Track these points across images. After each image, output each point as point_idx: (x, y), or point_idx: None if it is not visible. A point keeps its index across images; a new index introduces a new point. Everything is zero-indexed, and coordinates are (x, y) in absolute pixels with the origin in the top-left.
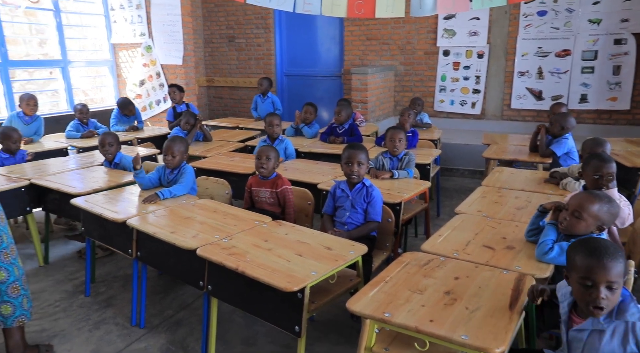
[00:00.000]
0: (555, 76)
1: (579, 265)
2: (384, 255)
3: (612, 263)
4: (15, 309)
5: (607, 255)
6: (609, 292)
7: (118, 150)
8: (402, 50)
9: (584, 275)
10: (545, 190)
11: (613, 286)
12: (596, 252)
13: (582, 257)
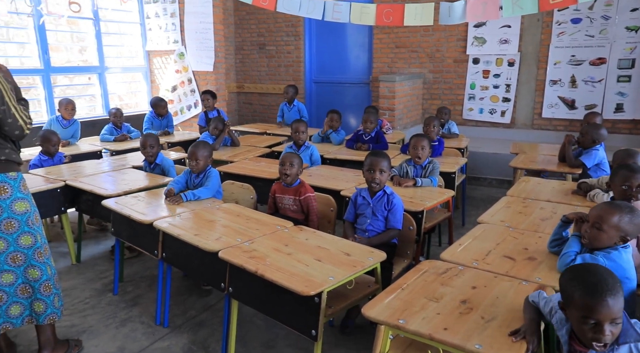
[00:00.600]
0: (589, 85)
1: (580, 304)
2: (405, 262)
3: (615, 300)
4: (47, 307)
5: (608, 292)
6: (614, 328)
7: (159, 151)
8: (431, 58)
9: (586, 314)
10: (572, 202)
11: (617, 321)
12: (597, 289)
13: (582, 294)
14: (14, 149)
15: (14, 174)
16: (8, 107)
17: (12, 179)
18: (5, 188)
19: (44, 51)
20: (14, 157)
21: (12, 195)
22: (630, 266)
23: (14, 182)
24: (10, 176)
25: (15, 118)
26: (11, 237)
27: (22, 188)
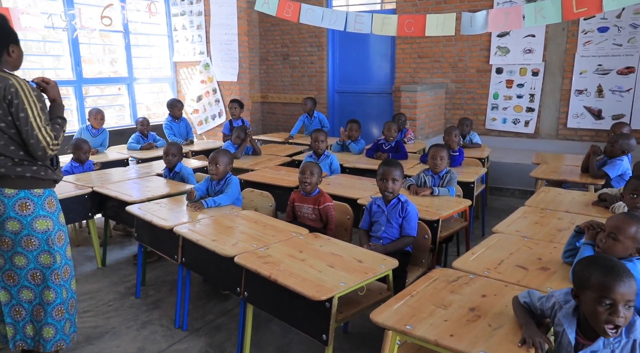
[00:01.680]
0: (616, 94)
1: (597, 284)
2: (420, 271)
3: (630, 282)
4: (56, 333)
5: (625, 274)
6: (627, 311)
7: (179, 160)
8: (453, 68)
9: (603, 294)
10: (591, 213)
11: (630, 304)
12: (614, 270)
13: (599, 275)
14: (44, 166)
15: (40, 190)
16: (32, 127)
17: (36, 196)
18: (28, 205)
19: (76, 63)
20: (42, 174)
21: (34, 212)
22: None
23: (38, 199)
24: (34, 193)
25: (38, 139)
26: (31, 254)
27: (46, 205)
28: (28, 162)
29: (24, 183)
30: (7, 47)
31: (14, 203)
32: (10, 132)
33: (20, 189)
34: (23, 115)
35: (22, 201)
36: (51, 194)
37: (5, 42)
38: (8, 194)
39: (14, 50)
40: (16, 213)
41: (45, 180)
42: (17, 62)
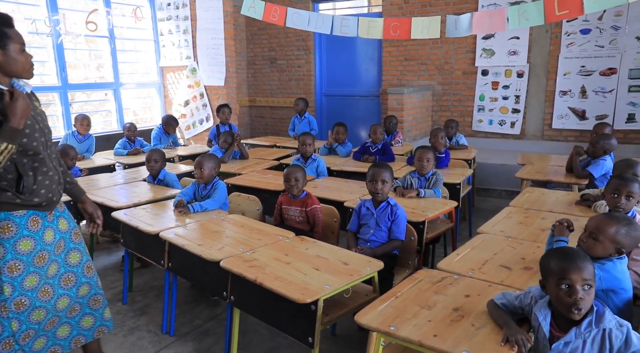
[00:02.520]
0: (599, 95)
1: (556, 269)
2: (406, 272)
3: (585, 264)
4: (91, 288)
5: (578, 257)
6: (585, 292)
7: (163, 167)
8: (440, 70)
9: (561, 276)
10: (574, 212)
11: (588, 283)
12: (568, 255)
13: (557, 261)
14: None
15: (21, 211)
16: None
17: (17, 217)
18: (10, 227)
19: (61, 69)
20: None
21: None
22: (625, 277)
23: (19, 219)
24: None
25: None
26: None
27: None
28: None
29: None
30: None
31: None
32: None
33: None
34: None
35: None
36: (8, 218)
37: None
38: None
39: None
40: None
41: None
42: (7, 67)
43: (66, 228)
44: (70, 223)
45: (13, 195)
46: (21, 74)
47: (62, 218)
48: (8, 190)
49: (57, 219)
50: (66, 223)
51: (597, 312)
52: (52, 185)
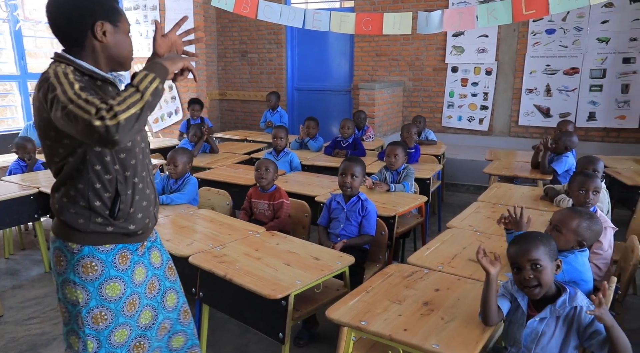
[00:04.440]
0: (563, 94)
1: (509, 256)
2: (377, 267)
3: (530, 246)
4: (187, 338)
5: (526, 241)
6: (535, 271)
7: None
8: (410, 67)
9: (512, 262)
10: (539, 207)
11: (536, 263)
12: (516, 240)
13: (509, 248)
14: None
15: (75, 246)
16: (64, 101)
17: (69, 251)
18: (61, 260)
19: (20, 57)
20: (81, 222)
21: (66, 273)
22: (586, 269)
23: (71, 256)
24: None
25: (77, 116)
26: (65, 328)
27: (80, 269)
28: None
29: (60, 228)
30: (92, 26)
31: (53, 252)
32: None
33: (57, 237)
34: (52, 95)
35: (57, 253)
36: (93, 255)
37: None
38: (51, 239)
39: (106, 30)
40: (53, 265)
41: (85, 232)
42: (114, 52)
43: (159, 262)
44: (163, 256)
45: (104, 222)
46: (126, 62)
47: (154, 250)
48: (100, 215)
49: (148, 251)
50: (159, 256)
51: (569, 293)
52: (150, 207)
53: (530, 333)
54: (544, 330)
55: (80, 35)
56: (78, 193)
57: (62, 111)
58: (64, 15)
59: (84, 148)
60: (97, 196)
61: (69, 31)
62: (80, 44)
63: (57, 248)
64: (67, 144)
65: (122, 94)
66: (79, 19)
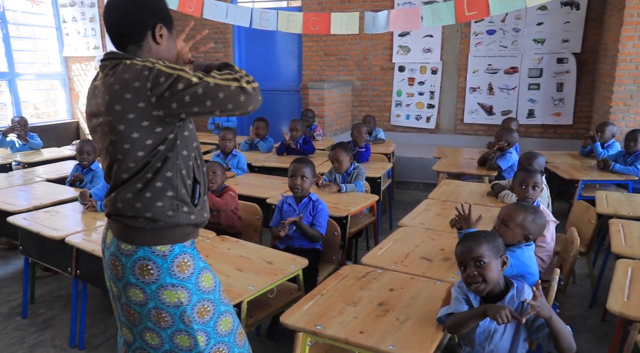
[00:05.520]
0: (504, 92)
1: (456, 255)
2: (331, 268)
3: (473, 244)
4: None
5: (469, 239)
6: (479, 268)
7: (95, 159)
8: (359, 66)
9: (458, 261)
10: (487, 203)
11: (479, 260)
12: (460, 241)
13: (456, 248)
14: (175, 199)
15: (165, 248)
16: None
17: (159, 257)
18: (149, 269)
19: None
20: (170, 214)
21: (159, 280)
22: (532, 262)
23: (163, 261)
24: (157, 252)
25: (221, 85)
26: (165, 333)
27: (175, 269)
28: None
29: (143, 236)
30: (153, 28)
31: (133, 265)
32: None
33: (139, 246)
34: (181, 85)
35: (142, 263)
36: (184, 251)
37: (149, 19)
38: (125, 252)
39: (163, 33)
40: (137, 279)
41: (173, 226)
42: (165, 55)
43: None
44: None
45: (189, 211)
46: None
47: None
48: (185, 203)
49: None
50: None
51: (517, 287)
52: (207, 196)
53: (483, 332)
54: (495, 327)
55: (141, 35)
56: (166, 182)
57: (196, 87)
58: (130, 13)
59: (175, 133)
60: (183, 183)
61: (133, 30)
62: (139, 44)
63: (142, 258)
64: (159, 131)
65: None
66: (143, 18)
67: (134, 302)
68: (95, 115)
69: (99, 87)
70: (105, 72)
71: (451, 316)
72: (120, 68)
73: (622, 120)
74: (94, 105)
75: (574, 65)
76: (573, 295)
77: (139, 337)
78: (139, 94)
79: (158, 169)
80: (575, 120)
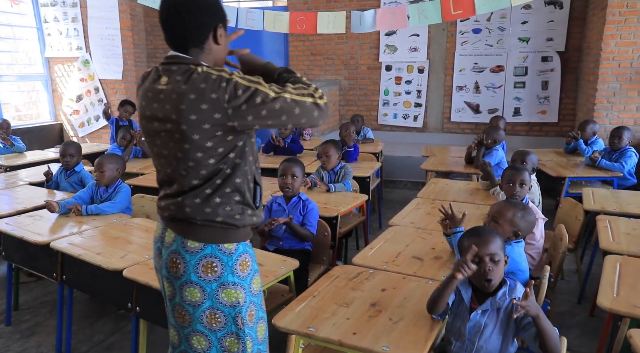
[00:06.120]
0: (490, 90)
1: (467, 245)
2: (321, 269)
3: (491, 239)
4: None
5: (485, 233)
6: (493, 264)
7: (79, 161)
8: (346, 65)
9: (470, 255)
10: (475, 201)
11: (495, 258)
12: (476, 232)
13: (467, 239)
14: (241, 204)
15: (232, 246)
16: (281, 99)
17: (225, 254)
18: (214, 266)
19: None
20: (237, 218)
21: (222, 278)
22: (523, 259)
23: (228, 258)
24: (223, 250)
25: (297, 101)
26: (214, 336)
27: (238, 268)
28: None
29: (212, 234)
30: (214, 29)
31: (197, 262)
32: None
33: (207, 243)
34: (259, 99)
35: (208, 260)
36: (247, 251)
37: (211, 21)
38: (192, 249)
39: (222, 33)
40: (199, 277)
41: (240, 227)
42: (222, 55)
43: None
44: None
45: (252, 213)
46: (222, 65)
47: None
48: (250, 206)
49: None
50: None
51: (509, 285)
52: None
53: (473, 326)
54: (486, 322)
55: (204, 37)
56: (235, 188)
57: (274, 102)
58: (194, 16)
59: (244, 140)
60: (248, 187)
61: (197, 33)
62: (200, 46)
63: (208, 255)
64: (230, 139)
65: (296, 76)
66: (207, 20)
67: (188, 302)
68: (160, 120)
69: (165, 91)
70: (173, 77)
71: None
72: (194, 76)
73: (606, 117)
74: (158, 109)
75: (558, 63)
76: (561, 291)
77: (184, 340)
78: (216, 105)
79: (228, 176)
80: (560, 118)
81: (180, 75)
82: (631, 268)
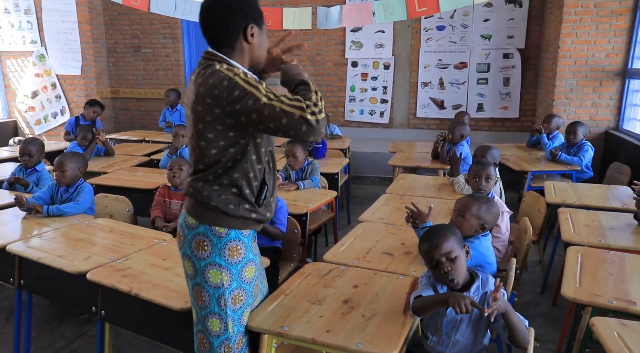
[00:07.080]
0: (454, 87)
1: (422, 252)
2: (292, 266)
3: (440, 240)
4: None
5: (436, 235)
6: (451, 262)
7: (40, 160)
8: (312, 62)
9: (427, 259)
10: (443, 196)
11: (451, 255)
12: (426, 237)
13: (421, 246)
14: (239, 197)
15: (222, 230)
16: (269, 106)
17: (215, 236)
18: (205, 245)
19: None
20: (231, 208)
21: (210, 257)
22: (490, 253)
23: (218, 240)
24: (215, 231)
25: (286, 113)
26: (201, 313)
27: (226, 252)
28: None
29: (205, 214)
30: (244, 29)
31: (192, 238)
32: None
33: (200, 223)
34: (251, 102)
35: (200, 238)
36: (239, 239)
37: (240, 22)
38: (190, 225)
39: (254, 32)
40: (192, 252)
41: (233, 216)
42: (257, 53)
43: (259, 251)
44: None
45: (251, 209)
46: (261, 62)
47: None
48: (248, 202)
49: None
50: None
51: (482, 279)
52: (273, 197)
53: (450, 321)
54: (462, 317)
55: (233, 37)
56: (232, 181)
57: (263, 108)
58: (221, 17)
59: (247, 139)
60: (248, 184)
61: (225, 33)
62: (231, 45)
63: (201, 233)
64: (232, 136)
65: (314, 95)
66: (235, 21)
67: (187, 273)
68: (187, 107)
69: (191, 82)
70: (199, 70)
71: (417, 299)
72: (208, 72)
73: (564, 112)
74: (186, 97)
75: (518, 60)
76: (525, 282)
77: None
78: (217, 101)
79: (228, 168)
80: (521, 114)
81: (202, 69)
82: (592, 259)
